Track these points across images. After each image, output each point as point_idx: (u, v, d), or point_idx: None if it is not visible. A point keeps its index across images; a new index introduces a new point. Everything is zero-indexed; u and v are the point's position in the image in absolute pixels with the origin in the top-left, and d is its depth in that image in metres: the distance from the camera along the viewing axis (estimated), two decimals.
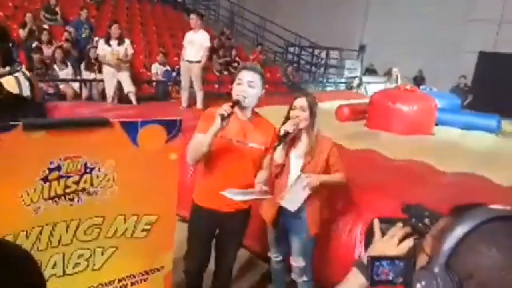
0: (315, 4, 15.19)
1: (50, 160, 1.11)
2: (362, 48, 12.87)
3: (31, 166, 1.09)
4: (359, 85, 11.45)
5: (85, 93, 7.31)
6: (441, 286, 0.66)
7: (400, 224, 0.90)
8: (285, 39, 14.14)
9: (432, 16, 12.93)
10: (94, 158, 1.18)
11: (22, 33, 7.73)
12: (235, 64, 10.82)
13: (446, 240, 0.67)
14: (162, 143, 1.30)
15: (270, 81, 11.69)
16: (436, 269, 0.67)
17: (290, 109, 2.29)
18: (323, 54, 13.78)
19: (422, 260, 0.74)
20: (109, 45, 6.18)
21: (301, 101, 2.26)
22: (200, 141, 1.91)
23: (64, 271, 1.22)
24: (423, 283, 0.68)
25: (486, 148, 5.14)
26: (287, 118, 2.29)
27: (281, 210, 2.29)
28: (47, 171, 1.11)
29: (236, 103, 1.95)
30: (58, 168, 1.12)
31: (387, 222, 0.93)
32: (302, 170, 2.24)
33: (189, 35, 5.89)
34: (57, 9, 9.12)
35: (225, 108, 1.86)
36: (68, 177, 1.15)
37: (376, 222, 0.94)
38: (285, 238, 2.41)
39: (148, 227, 1.36)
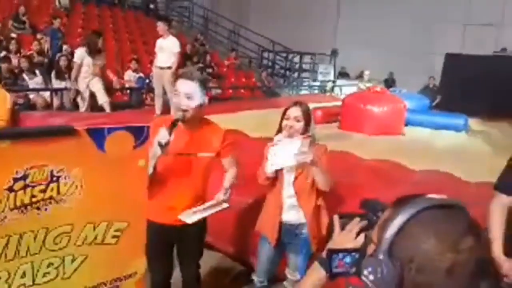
0: (287, 11, 15.40)
1: (16, 170, 1.11)
2: (334, 53, 13.13)
3: None
4: (333, 88, 11.66)
5: (56, 102, 7.17)
6: (384, 272, 0.71)
7: (357, 219, 0.95)
8: (259, 45, 14.27)
9: (401, 19, 13.32)
10: (61, 166, 1.18)
11: None
12: (210, 70, 10.83)
13: (388, 228, 0.73)
14: (129, 150, 1.31)
15: (246, 86, 11.77)
16: (381, 256, 0.72)
17: (283, 118, 2.20)
18: (297, 59, 13.97)
19: (370, 249, 0.79)
20: (92, 56, 6.14)
21: (295, 111, 2.16)
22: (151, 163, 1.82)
23: (33, 281, 1.22)
24: (369, 269, 0.73)
25: (454, 146, 5.33)
26: (280, 128, 2.20)
27: (281, 227, 2.23)
28: (12, 181, 1.11)
29: (176, 122, 1.87)
30: (24, 177, 1.12)
31: (346, 217, 0.98)
32: (293, 183, 2.19)
33: (159, 42, 5.94)
34: (25, 18, 8.92)
35: (162, 134, 1.80)
36: (34, 186, 1.15)
37: (335, 218, 1.00)
38: (279, 255, 2.33)
39: (119, 233, 1.37)
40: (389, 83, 11.79)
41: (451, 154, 4.77)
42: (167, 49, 5.82)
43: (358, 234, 0.92)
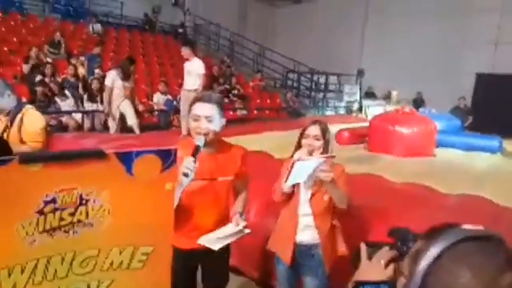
0: (312, 32, 15.53)
1: (46, 193, 1.12)
2: (360, 73, 13.06)
3: (27, 199, 1.10)
4: (359, 109, 11.53)
5: (87, 124, 7.39)
6: None
7: (386, 248, 0.90)
8: (284, 66, 14.39)
9: (428, 39, 13.16)
10: (90, 190, 1.19)
11: (26, 67, 7.90)
12: (235, 92, 10.96)
13: (421, 260, 0.68)
14: (157, 173, 1.30)
15: (271, 107, 11.82)
16: None
17: (302, 137, 2.20)
18: (322, 79, 13.97)
19: (400, 282, 0.74)
20: (124, 80, 6.36)
21: (314, 130, 2.16)
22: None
23: None
24: None
25: (489, 169, 5.12)
26: (299, 146, 2.20)
27: (295, 247, 2.19)
28: (42, 204, 1.12)
29: (199, 148, 1.80)
30: (54, 200, 1.13)
31: (374, 246, 0.93)
32: (310, 201, 2.17)
33: (186, 65, 6.11)
34: (61, 43, 9.35)
35: (187, 165, 1.74)
36: (64, 209, 1.15)
37: (363, 246, 0.95)
38: (296, 275, 2.29)
39: (144, 258, 1.35)
40: (418, 103, 11.57)
41: (486, 177, 4.57)
42: (193, 72, 5.96)
43: (387, 265, 0.87)
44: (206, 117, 1.87)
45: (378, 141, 5.63)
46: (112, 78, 6.34)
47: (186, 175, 1.74)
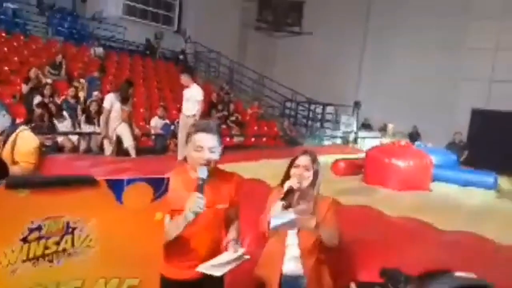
0: (310, 62, 15.80)
1: (32, 220, 1.08)
2: (356, 104, 13.20)
3: (12, 226, 1.06)
4: (355, 139, 11.59)
5: (83, 145, 7.36)
6: None
7: None
8: (282, 95, 14.55)
9: (426, 73, 13.40)
10: (77, 218, 1.16)
11: (25, 88, 7.93)
12: (233, 118, 11.02)
13: None
14: (147, 202, 1.27)
15: (268, 135, 11.86)
16: None
17: (291, 166, 2.20)
18: (319, 109, 14.11)
19: None
20: (122, 103, 6.38)
21: (304, 160, 2.17)
22: (174, 226, 1.80)
23: None
24: None
25: (484, 205, 5.09)
26: (287, 175, 2.19)
27: (281, 277, 2.15)
28: (27, 232, 1.08)
29: (203, 183, 1.79)
30: (39, 228, 1.10)
31: (365, 287, 0.91)
32: (298, 233, 2.14)
33: (185, 92, 6.23)
34: (62, 65, 9.43)
35: (199, 205, 1.74)
36: (49, 237, 1.12)
37: (352, 286, 0.92)
38: None
39: None
40: (414, 137, 11.64)
41: (481, 214, 4.55)
42: (191, 98, 6.05)
43: None
44: (209, 148, 1.86)
45: (374, 173, 5.62)
46: (111, 100, 6.36)
47: (196, 213, 1.75)
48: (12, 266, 1.06)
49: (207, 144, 1.86)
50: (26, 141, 2.77)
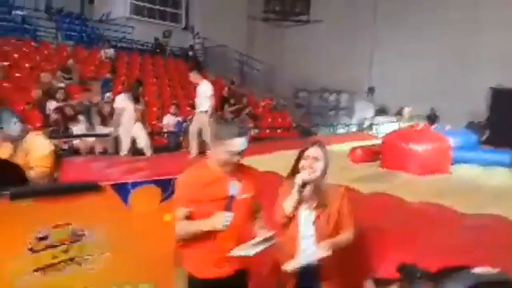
0: (322, 50, 15.57)
1: (38, 229, 1.06)
2: (371, 90, 12.98)
3: (18, 236, 1.05)
4: (371, 126, 11.42)
5: (99, 147, 7.42)
6: None
7: (394, 285, 0.82)
8: (294, 85, 14.41)
9: (441, 53, 13.05)
10: (84, 225, 1.13)
11: (38, 93, 8.01)
12: (246, 112, 10.97)
13: None
14: (156, 204, 1.24)
15: (282, 127, 11.78)
16: None
17: (301, 158, 2.17)
18: (333, 98, 13.94)
19: None
20: (134, 102, 6.40)
21: (315, 151, 2.15)
22: (193, 228, 1.81)
23: None
24: None
25: (508, 185, 4.93)
26: (295, 168, 2.18)
27: (299, 275, 2.14)
28: (34, 241, 1.06)
29: (232, 199, 1.86)
30: (46, 237, 1.07)
31: (382, 283, 0.86)
32: (314, 223, 2.13)
33: (197, 89, 6.14)
34: (74, 68, 9.51)
35: (226, 221, 1.81)
36: (57, 246, 1.10)
37: (369, 283, 0.87)
38: None
39: None
40: (432, 119, 11.38)
41: (505, 195, 4.39)
42: (202, 94, 6.01)
43: None
44: (242, 151, 1.95)
45: (392, 158, 5.50)
46: (122, 101, 6.38)
47: (225, 226, 1.81)
48: (22, 277, 1.05)
49: (240, 148, 1.93)
50: (40, 146, 2.80)
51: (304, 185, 2.06)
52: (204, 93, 6.02)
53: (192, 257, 2.00)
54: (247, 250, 1.88)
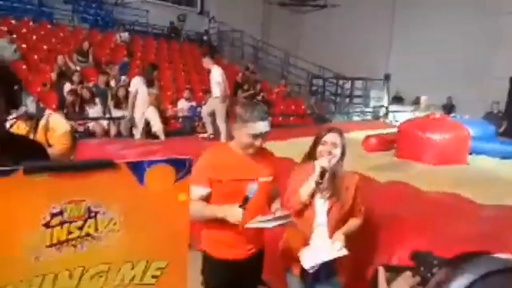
0: (337, 36, 15.32)
1: (53, 205, 1.05)
2: (387, 77, 12.74)
3: (32, 212, 1.04)
4: (386, 114, 11.25)
5: (113, 130, 7.48)
6: None
7: (407, 273, 0.79)
8: (309, 71, 14.24)
9: (458, 41, 12.73)
10: (99, 201, 1.12)
11: (54, 75, 8.08)
12: (260, 98, 10.90)
13: None
14: (170, 183, 1.23)
15: (295, 114, 11.68)
16: None
17: (318, 143, 2.16)
18: (348, 85, 13.74)
19: None
20: (148, 86, 6.45)
21: (333, 137, 2.13)
22: (208, 213, 1.91)
23: None
24: None
25: None
26: (312, 153, 2.16)
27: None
28: (49, 217, 1.05)
29: (248, 200, 1.85)
30: (61, 213, 1.07)
31: (394, 271, 0.82)
32: (328, 212, 2.12)
33: (210, 74, 6.24)
34: (89, 52, 9.55)
35: (237, 216, 1.82)
36: (71, 222, 1.09)
37: (381, 271, 0.84)
38: (309, 286, 2.23)
39: (158, 273, 1.27)
40: (448, 108, 11.16)
41: None
42: (213, 80, 6.07)
43: None
44: (264, 134, 1.96)
45: (407, 148, 5.41)
46: (136, 84, 6.41)
47: (236, 222, 1.83)
48: (36, 252, 1.04)
49: (263, 131, 1.95)
50: (59, 124, 2.86)
51: (323, 172, 2.03)
52: (215, 78, 6.05)
53: (209, 237, 2.04)
54: (262, 222, 1.90)
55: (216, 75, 6.07)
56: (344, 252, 2.04)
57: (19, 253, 1.02)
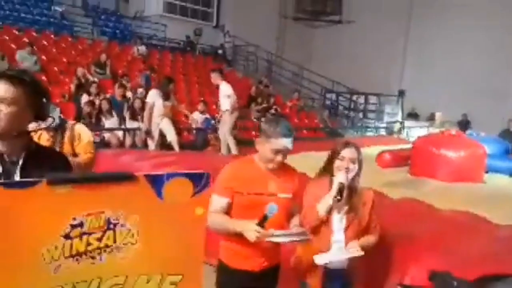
0: (351, 51, 15.36)
1: (73, 216, 1.08)
2: (401, 93, 12.67)
3: (54, 222, 1.07)
4: (400, 129, 11.17)
5: (128, 141, 7.58)
6: None
7: None
8: (322, 86, 14.27)
9: (474, 57, 12.63)
10: (118, 214, 1.15)
11: (73, 87, 8.26)
12: (273, 111, 10.94)
13: None
14: (188, 197, 1.24)
15: (308, 127, 11.68)
16: None
17: (335, 158, 2.14)
18: (361, 100, 13.71)
19: None
20: (164, 99, 6.57)
21: (351, 152, 2.11)
22: (227, 226, 1.94)
23: None
24: None
25: None
26: (329, 167, 2.15)
27: (326, 272, 2.13)
28: (69, 228, 1.08)
29: (266, 219, 1.85)
30: (81, 224, 1.09)
31: None
32: (346, 228, 2.11)
33: (219, 89, 6.55)
34: (106, 64, 9.75)
35: (253, 236, 1.82)
36: (91, 233, 1.11)
37: None
38: None
39: (173, 287, 1.28)
40: (464, 125, 11.03)
41: None
42: (221, 94, 6.33)
43: None
44: (286, 151, 1.98)
45: (421, 164, 5.36)
46: (153, 96, 6.53)
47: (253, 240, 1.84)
48: (55, 263, 1.07)
49: (285, 148, 1.96)
50: (85, 133, 2.91)
51: (341, 188, 2.03)
52: (225, 92, 6.27)
53: (226, 247, 2.06)
54: (276, 237, 1.90)
55: (226, 89, 6.36)
56: (360, 253, 2.01)
57: (39, 264, 1.05)
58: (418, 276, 2.28)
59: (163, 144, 6.80)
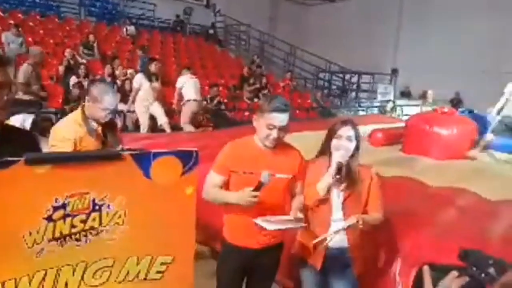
0: (345, 30, 15.18)
1: (55, 197, 1.03)
2: (394, 72, 12.60)
3: (34, 204, 1.01)
4: (393, 108, 11.16)
5: (119, 123, 7.46)
6: None
7: (454, 273, 0.74)
8: (315, 65, 14.14)
9: (467, 35, 12.55)
10: (103, 194, 1.09)
11: (61, 69, 8.08)
12: (265, 92, 10.84)
13: None
14: (177, 176, 1.20)
15: (301, 107, 11.60)
16: None
17: (331, 137, 2.11)
18: (355, 79, 13.63)
19: None
20: (150, 81, 6.45)
21: (348, 131, 2.08)
22: (220, 197, 1.96)
23: None
24: None
25: None
26: (326, 147, 2.12)
27: (326, 252, 2.10)
28: (51, 210, 1.03)
29: (262, 186, 1.85)
30: (64, 206, 1.04)
31: (439, 270, 0.77)
32: (343, 203, 2.09)
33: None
34: (95, 45, 9.53)
35: (250, 202, 1.83)
36: (75, 215, 1.06)
37: (426, 270, 0.79)
38: (324, 281, 2.20)
39: (164, 268, 1.25)
40: (455, 103, 11.03)
41: None
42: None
43: None
44: (283, 127, 1.94)
45: (414, 142, 5.33)
46: (139, 80, 6.46)
47: (248, 204, 1.85)
48: (37, 246, 1.02)
49: (279, 124, 1.92)
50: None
51: (340, 167, 2.00)
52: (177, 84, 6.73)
53: (227, 223, 2.08)
54: (268, 224, 1.87)
55: (178, 80, 6.83)
56: (358, 222, 1.96)
57: (20, 248, 1.00)
58: (409, 252, 2.29)
59: (155, 126, 6.73)
